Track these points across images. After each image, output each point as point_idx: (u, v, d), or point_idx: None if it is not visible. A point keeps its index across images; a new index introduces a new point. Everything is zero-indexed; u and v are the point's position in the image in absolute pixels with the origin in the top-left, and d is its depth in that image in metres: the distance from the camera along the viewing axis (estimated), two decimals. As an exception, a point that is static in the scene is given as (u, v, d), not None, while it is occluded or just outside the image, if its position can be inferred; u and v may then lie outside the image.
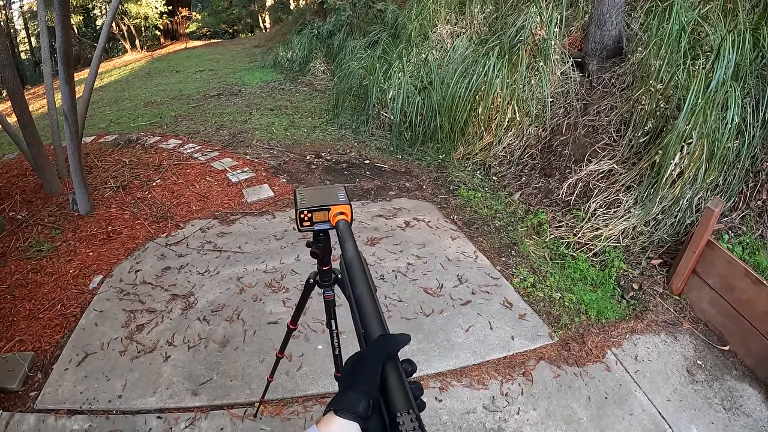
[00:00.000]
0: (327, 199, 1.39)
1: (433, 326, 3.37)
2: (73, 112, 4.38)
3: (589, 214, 4.29)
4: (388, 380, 0.71)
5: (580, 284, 3.81)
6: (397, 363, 0.74)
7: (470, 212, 4.83)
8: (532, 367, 3.10)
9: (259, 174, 5.52)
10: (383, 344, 0.76)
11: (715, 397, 2.97)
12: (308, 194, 1.43)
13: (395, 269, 3.93)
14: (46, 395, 2.88)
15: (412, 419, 0.64)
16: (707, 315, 3.48)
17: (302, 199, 1.42)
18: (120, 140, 6.51)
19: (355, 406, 0.69)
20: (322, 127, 7.03)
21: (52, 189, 5.04)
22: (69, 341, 3.27)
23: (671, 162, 3.86)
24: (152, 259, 4.09)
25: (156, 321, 3.41)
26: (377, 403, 0.70)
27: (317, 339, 3.22)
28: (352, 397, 0.70)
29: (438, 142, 6.03)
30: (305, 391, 2.88)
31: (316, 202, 1.40)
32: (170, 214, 4.74)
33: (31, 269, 4.02)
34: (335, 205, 1.34)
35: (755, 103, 3.80)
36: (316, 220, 1.39)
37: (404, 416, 0.65)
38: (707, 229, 3.30)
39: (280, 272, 3.87)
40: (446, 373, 3.03)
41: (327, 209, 1.37)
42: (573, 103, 5.25)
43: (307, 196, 1.42)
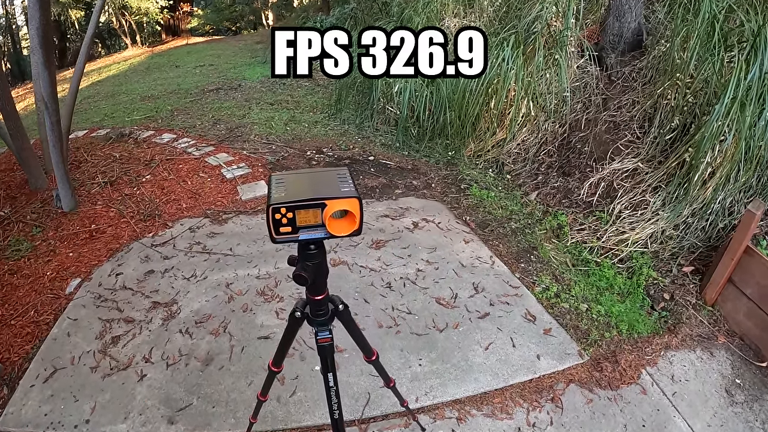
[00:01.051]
0: (319, 190, 0.90)
1: (448, 343, 3.03)
2: (53, 99, 4.11)
3: (614, 217, 4.00)
4: None
5: (607, 294, 3.50)
6: None
7: (484, 213, 4.52)
8: (561, 391, 2.75)
9: (255, 170, 5.25)
10: None
11: (756, 420, 2.71)
12: (291, 181, 0.94)
13: (403, 276, 3.60)
14: (8, 416, 2.58)
15: None
16: (743, 327, 3.22)
17: (279, 188, 0.92)
18: (112, 134, 6.27)
19: None
20: (324, 122, 6.81)
21: (37, 184, 4.81)
22: (38, 353, 2.96)
23: (703, 161, 3.60)
24: (135, 261, 3.79)
25: (133, 333, 3.08)
26: None
27: (314, 358, 2.81)
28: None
29: (447, 138, 5.76)
30: (300, 422, 2.50)
31: (302, 195, 0.89)
32: (158, 212, 4.47)
33: (7, 270, 3.75)
34: (334, 199, 0.85)
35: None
36: (300, 223, 0.89)
37: None
38: (747, 233, 3.04)
39: (274, 278, 3.55)
40: (464, 401, 2.67)
41: (320, 205, 0.87)
42: (591, 98, 4.99)
43: (290, 183, 0.94)
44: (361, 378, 2.71)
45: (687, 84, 4.01)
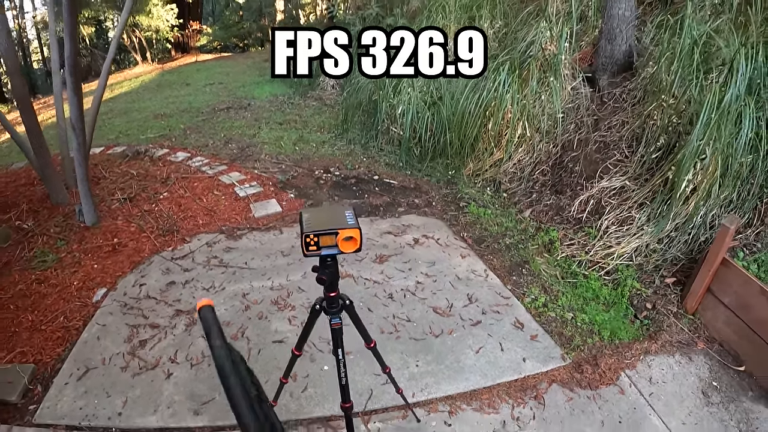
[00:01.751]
0: (334, 222, 1.34)
1: (443, 347, 3.31)
2: (81, 122, 4.40)
3: (601, 232, 4.25)
4: None
5: (593, 304, 3.75)
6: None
7: (480, 229, 4.78)
8: (544, 390, 3.02)
9: (267, 189, 5.50)
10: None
11: (731, 420, 2.92)
12: (314, 216, 1.39)
13: (404, 288, 3.87)
14: (44, 410, 2.84)
15: None
16: (722, 335, 3.44)
17: (308, 221, 1.37)
18: (128, 152, 6.53)
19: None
20: (331, 142, 7.03)
21: (58, 199, 5.04)
22: (70, 355, 3.23)
23: (685, 178, 3.83)
24: (157, 273, 4.06)
25: (159, 337, 3.37)
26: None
27: (323, 359, 3.15)
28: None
29: (447, 158, 6.01)
30: (310, 414, 2.80)
31: (323, 226, 1.35)
32: (176, 228, 4.72)
33: (35, 280, 4.00)
34: (343, 229, 1.28)
35: (768, 118, 3.76)
36: (323, 244, 1.34)
37: None
38: (722, 247, 3.27)
39: (286, 289, 3.82)
40: (456, 397, 2.96)
41: (335, 233, 1.32)
42: (584, 119, 5.23)
43: (314, 218, 1.38)
44: (365, 377, 3.02)
45: (672, 105, 4.24)
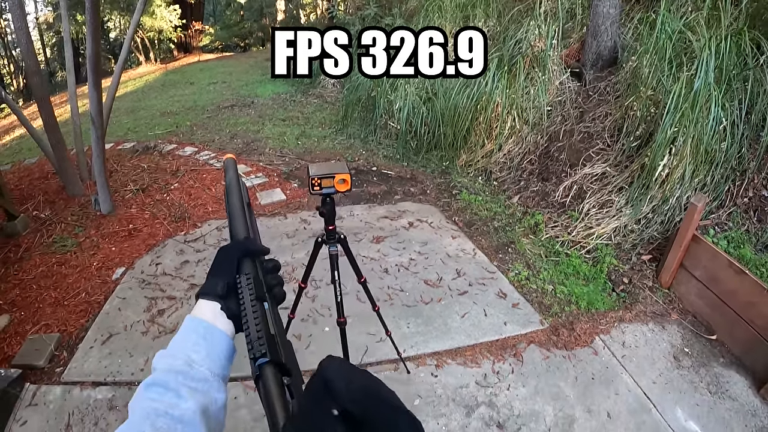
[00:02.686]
0: (332, 170, 1.77)
1: (432, 312, 3.61)
2: (100, 116, 4.67)
3: (583, 215, 4.50)
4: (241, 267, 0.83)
5: (573, 278, 4.02)
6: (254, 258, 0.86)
7: (471, 214, 5.05)
8: (522, 349, 3.32)
9: (271, 179, 5.77)
10: (241, 243, 0.88)
11: (701, 382, 3.12)
12: (318, 166, 1.83)
13: (398, 264, 4.17)
14: (72, 369, 3.12)
15: (247, 278, 0.80)
16: (695, 307, 3.64)
17: (313, 169, 1.82)
18: (138, 147, 6.78)
19: (213, 289, 0.81)
20: (332, 137, 7.27)
21: (74, 191, 5.30)
22: (94, 324, 3.52)
23: (659, 163, 4.06)
24: (171, 254, 4.34)
25: (176, 306, 3.67)
26: (234, 286, 0.81)
27: (324, 322, 3.47)
28: (211, 282, 0.82)
29: (442, 150, 6.27)
30: (312, 366, 3.00)
31: (323, 171, 1.77)
32: (188, 215, 4.98)
33: (56, 262, 4.26)
34: (338, 173, 1.68)
35: (741, 105, 3.97)
36: (323, 185, 1.75)
37: (241, 277, 0.80)
38: (692, 223, 3.48)
39: (291, 266, 4.12)
40: (442, 353, 3.26)
41: (332, 176, 1.73)
42: (570, 111, 5.46)
43: (317, 167, 1.82)
44: (360, 336, 3.34)
45: (650, 96, 4.47)
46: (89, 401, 2.92)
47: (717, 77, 3.96)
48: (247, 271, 0.81)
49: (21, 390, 2.97)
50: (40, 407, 2.89)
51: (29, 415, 2.85)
